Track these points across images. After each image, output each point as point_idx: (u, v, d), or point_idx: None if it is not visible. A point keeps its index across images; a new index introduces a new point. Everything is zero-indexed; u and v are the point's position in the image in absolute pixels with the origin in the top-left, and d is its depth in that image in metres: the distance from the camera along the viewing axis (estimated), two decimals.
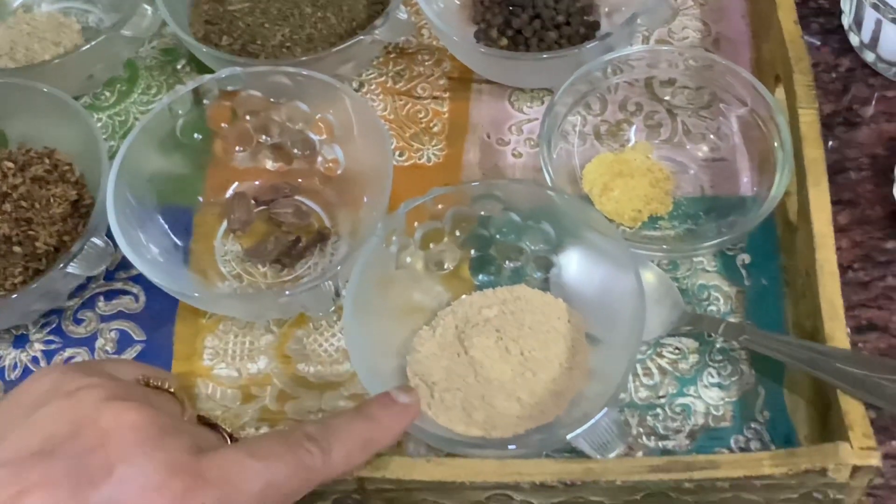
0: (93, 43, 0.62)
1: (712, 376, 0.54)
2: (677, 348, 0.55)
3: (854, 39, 0.64)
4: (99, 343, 0.58)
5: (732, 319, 0.56)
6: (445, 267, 0.57)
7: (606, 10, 0.66)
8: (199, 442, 0.41)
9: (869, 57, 0.63)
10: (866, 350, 0.55)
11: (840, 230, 0.58)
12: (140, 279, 0.58)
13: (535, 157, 0.57)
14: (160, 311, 0.58)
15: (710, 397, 0.53)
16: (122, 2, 0.65)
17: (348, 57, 0.62)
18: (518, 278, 0.57)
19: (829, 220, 0.53)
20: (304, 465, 0.42)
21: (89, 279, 0.59)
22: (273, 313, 0.56)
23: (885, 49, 0.62)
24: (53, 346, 0.58)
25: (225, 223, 0.60)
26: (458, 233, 0.56)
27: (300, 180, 0.61)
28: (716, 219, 0.59)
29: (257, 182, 0.62)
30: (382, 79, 0.66)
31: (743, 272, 0.57)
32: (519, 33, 0.65)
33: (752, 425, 0.52)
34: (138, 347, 0.58)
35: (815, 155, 0.55)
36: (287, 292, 0.52)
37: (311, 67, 0.59)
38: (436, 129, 0.64)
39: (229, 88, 0.59)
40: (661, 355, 0.55)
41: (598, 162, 0.61)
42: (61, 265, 0.54)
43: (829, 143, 0.61)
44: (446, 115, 0.65)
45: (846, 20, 0.64)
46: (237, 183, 0.61)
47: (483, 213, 0.56)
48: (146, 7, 0.63)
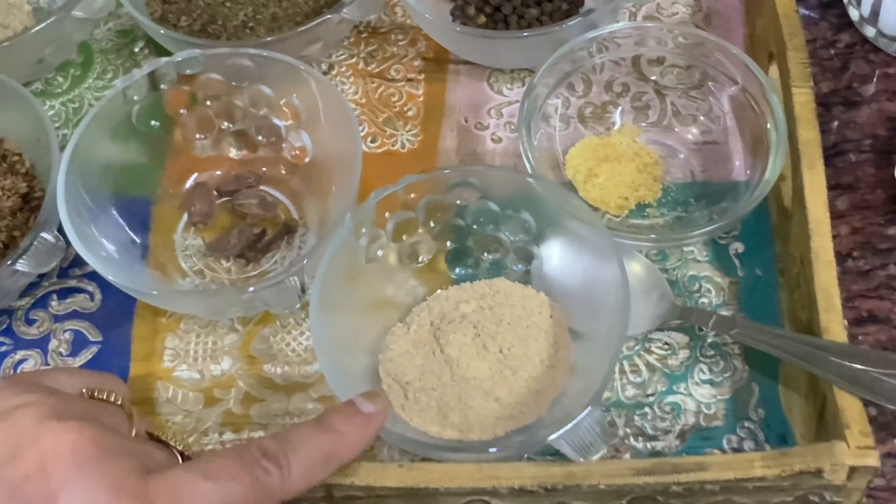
0: (42, 25, 0.62)
1: (703, 372, 0.54)
2: (666, 343, 0.55)
3: (854, 13, 0.64)
4: (52, 345, 0.58)
5: (724, 312, 0.56)
6: (420, 260, 0.57)
7: None
8: (146, 462, 0.41)
9: (869, 32, 0.63)
10: (866, 343, 0.55)
11: (838, 216, 0.58)
12: (96, 276, 0.57)
13: (516, 141, 0.57)
14: (117, 309, 0.58)
15: (702, 395, 0.53)
16: None
17: (315, 37, 0.62)
18: (497, 271, 0.57)
19: (825, 206, 0.53)
20: (260, 485, 0.41)
21: (41, 277, 0.59)
22: (236, 311, 0.56)
23: (886, 23, 0.62)
24: (4, 349, 0.58)
25: (185, 216, 0.60)
26: (432, 223, 0.56)
27: (265, 169, 0.61)
28: (707, 205, 0.59)
29: (219, 172, 0.61)
30: (353, 60, 0.66)
31: (736, 262, 0.57)
32: (498, 10, 0.65)
33: (746, 424, 0.52)
34: (94, 349, 0.57)
35: (810, 136, 0.55)
36: (250, 288, 0.52)
37: (275, 49, 0.59)
38: (410, 113, 0.64)
39: (188, 72, 0.59)
40: (649, 351, 0.55)
41: (583, 146, 0.61)
42: (9, 262, 0.54)
43: (828, 124, 0.61)
44: (421, 98, 0.65)
45: None
46: (198, 173, 0.61)
47: (459, 201, 0.56)
48: None
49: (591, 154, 0.60)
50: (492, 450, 0.49)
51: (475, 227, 0.56)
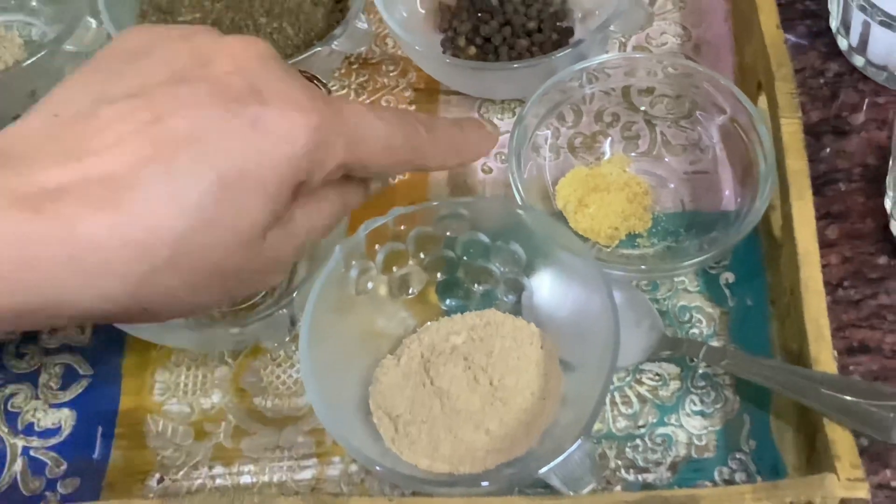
0: (34, 58, 0.62)
1: (695, 404, 0.54)
2: (657, 374, 0.55)
3: (842, 43, 0.64)
4: (42, 378, 0.57)
5: (715, 342, 0.56)
6: (410, 291, 0.56)
7: (580, 15, 0.66)
8: None
9: (858, 61, 0.63)
10: (858, 373, 0.55)
11: (829, 245, 0.58)
12: None
13: (507, 171, 0.57)
14: (108, 342, 0.58)
15: (693, 426, 0.53)
16: (66, 13, 0.65)
17: (306, 69, 0.62)
18: (488, 302, 0.57)
19: (813, 236, 0.53)
20: (413, 142, 0.46)
21: None
22: (226, 345, 0.56)
23: (875, 53, 0.62)
24: None
25: None
26: (422, 255, 0.56)
27: None
28: (697, 235, 0.59)
29: None
30: (344, 91, 0.66)
31: (726, 292, 0.57)
32: (488, 41, 0.65)
33: (738, 455, 0.52)
34: (84, 383, 0.57)
35: (799, 166, 0.55)
36: (239, 326, 0.52)
37: None
38: None
39: None
40: (640, 382, 0.55)
41: (573, 176, 0.61)
42: None
43: (818, 153, 0.61)
44: None
45: (834, 23, 0.64)
46: None
47: (449, 233, 0.55)
48: (90, 20, 0.63)
49: (582, 184, 0.60)
50: (483, 483, 0.49)
51: (465, 258, 0.56)
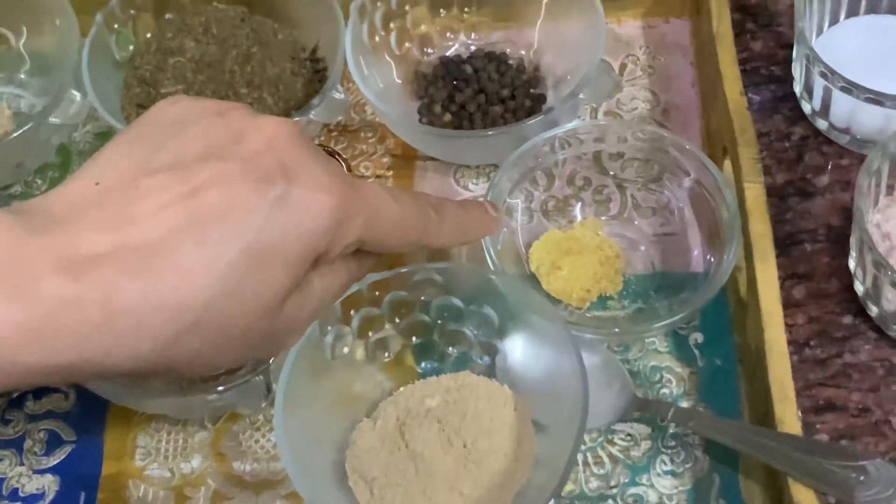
0: (21, 130, 0.63)
1: (665, 463, 0.55)
2: (629, 434, 0.56)
3: (806, 107, 0.65)
4: (27, 444, 0.58)
5: (685, 402, 0.57)
6: (387, 355, 0.57)
7: (552, 82, 0.68)
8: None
9: (822, 125, 0.65)
10: (825, 431, 0.55)
11: (795, 305, 0.59)
12: None
13: None
14: (91, 408, 0.59)
15: (664, 486, 0.54)
16: (53, 86, 0.67)
17: None
18: (463, 364, 0.57)
19: (777, 298, 0.54)
20: (424, 223, 0.49)
21: None
22: (204, 411, 0.57)
23: (837, 117, 0.63)
24: None
25: None
26: (398, 319, 0.57)
27: None
28: (667, 296, 0.59)
29: None
30: None
31: (696, 352, 0.58)
32: (463, 108, 0.66)
33: None
34: (68, 448, 0.58)
35: (762, 230, 0.56)
36: (219, 388, 0.53)
37: None
38: None
39: None
40: (612, 442, 0.56)
41: (546, 240, 0.62)
42: None
43: (784, 214, 0.62)
44: None
45: (797, 87, 0.66)
46: None
47: (423, 298, 0.56)
48: (74, 93, 0.64)
49: (555, 247, 0.61)
50: None
51: (440, 322, 0.57)
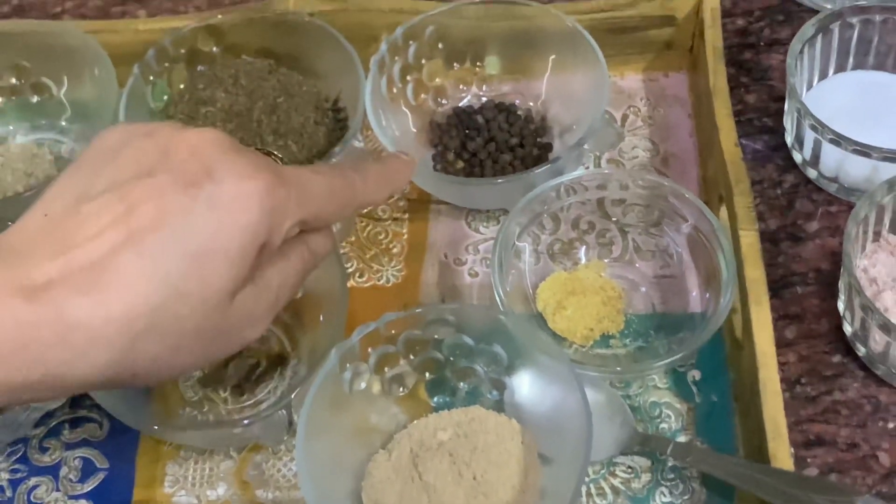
0: (54, 178, 0.62)
1: (664, 495, 0.54)
2: (630, 467, 0.55)
3: (797, 157, 0.65)
4: (63, 471, 0.57)
5: (683, 437, 0.56)
6: (401, 390, 0.57)
7: (559, 130, 0.68)
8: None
9: (811, 173, 0.64)
10: (815, 465, 0.55)
11: (787, 345, 0.59)
12: None
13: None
14: (123, 437, 0.58)
15: None
16: (92, 131, 0.66)
17: None
18: (473, 398, 0.57)
19: (771, 340, 0.53)
20: (350, 185, 0.49)
21: (57, 408, 0.59)
22: (229, 443, 0.56)
23: (826, 166, 0.63)
24: (19, 475, 0.58)
25: None
26: (412, 356, 0.56)
27: None
28: (666, 335, 0.59)
29: None
30: None
31: (693, 388, 0.58)
32: (474, 156, 0.66)
33: None
34: (101, 475, 0.57)
35: (756, 275, 0.55)
36: (244, 422, 0.53)
37: None
38: (395, 250, 0.65)
39: None
40: (614, 474, 0.55)
41: (552, 281, 0.61)
42: None
43: (776, 258, 0.62)
44: (405, 235, 0.65)
45: (789, 138, 0.65)
46: None
47: (436, 336, 0.56)
48: None
49: (560, 288, 0.61)
50: None
51: (451, 359, 0.57)
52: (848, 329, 0.57)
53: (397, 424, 0.56)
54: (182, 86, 0.68)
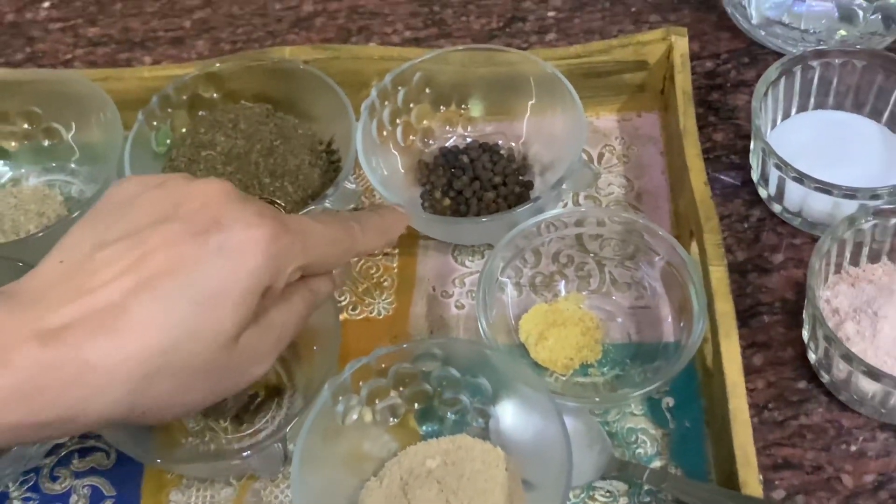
0: (72, 216, 0.61)
1: None
2: (608, 491, 0.53)
3: (763, 192, 0.63)
4: (72, 499, 0.56)
5: (658, 461, 0.54)
6: (392, 420, 0.55)
7: (539, 169, 0.66)
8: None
9: (776, 208, 0.63)
10: (783, 487, 0.53)
11: (756, 371, 0.57)
12: None
13: None
14: (129, 466, 0.56)
15: None
16: (100, 173, 0.65)
17: None
18: (460, 427, 0.55)
19: (740, 370, 0.52)
20: (350, 234, 0.49)
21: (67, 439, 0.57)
22: (228, 473, 0.54)
23: (790, 202, 0.61)
24: (31, 503, 0.56)
25: None
26: (402, 388, 0.55)
27: None
28: (642, 364, 0.57)
29: None
30: None
31: (667, 415, 0.56)
32: (460, 193, 0.64)
33: None
34: (108, 503, 0.55)
35: (725, 309, 0.54)
36: (243, 454, 0.51)
37: None
38: (386, 283, 0.63)
39: None
40: (593, 499, 0.53)
41: (534, 312, 0.60)
42: None
43: (744, 289, 0.60)
44: (395, 270, 0.64)
45: (755, 175, 0.64)
46: None
47: (424, 369, 0.54)
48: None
49: (542, 319, 0.59)
50: None
51: (439, 390, 0.55)
52: (812, 357, 0.56)
53: (388, 452, 0.55)
54: (184, 130, 0.66)
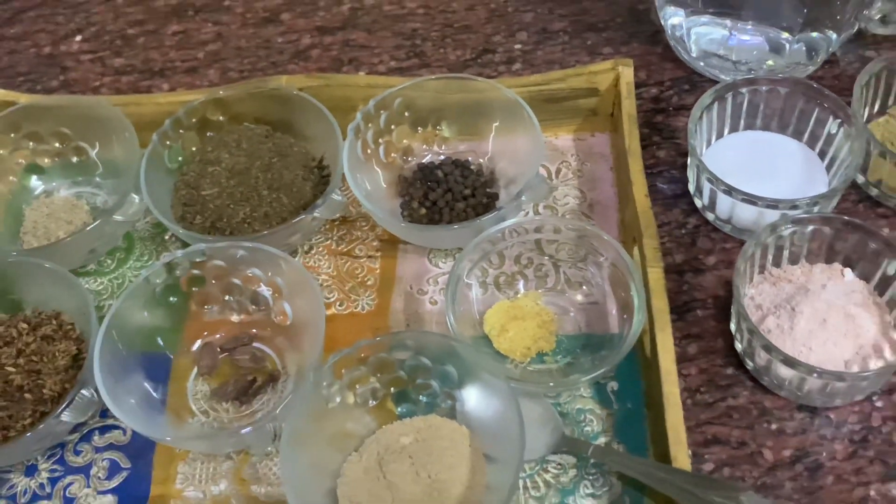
0: (89, 227, 0.62)
1: (587, 487, 0.54)
2: (559, 464, 0.55)
3: (698, 202, 0.65)
4: (93, 471, 0.57)
5: (604, 438, 0.55)
6: (371, 402, 0.56)
7: (504, 182, 0.67)
8: None
9: (710, 216, 0.64)
10: (712, 461, 0.54)
11: (690, 359, 0.58)
12: None
13: None
14: (143, 442, 0.57)
15: None
16: (122, 185, 0.66)
17: (295, 231, 0.62)
18: (431, 408, 0.56)
19: (672, 360, 0.53)
20: None
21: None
22: (226, 448, 0.56)
23: (721, 211, 0.63)
24: (56, 474, 0.57)
25: (196, 368, 0.60)
26: (379, 374, 0.56)
27: (255, 330, 0.61)
28: (590, 353, 0.58)
29: (222, 333, 0.61)
30: (328, 242, 0.67)
31: (612, 398, 0.57)
32: (435, 204, 0.65)
33: None
34: (125, 474, 0.57)
35: (661, 305, 0.55)
36: (241, 430, 0.52)
37: (265, 240, 0.59)
38: (369, 282, 0.64)
39: (197, 259, 0.60)
40: (546, 470, 0.55)
41: (497, 308, 0.61)
42: (55, 416, 0.54)
43: (681, 287, 0.61)
44: (378, 270, 0.65)
45: (692, 187, 0.65)
46: (206, 333, 0.61)
47: (399, 358, 0.56)
48: (134, 196, 0.63)
49: (504, 314, 0.60)
50: None
51: (412, 376, 0.56)
52: (738, 346, 0.57)
53: (368, 430, 0.56)
54: (194, 148, 0.68)
